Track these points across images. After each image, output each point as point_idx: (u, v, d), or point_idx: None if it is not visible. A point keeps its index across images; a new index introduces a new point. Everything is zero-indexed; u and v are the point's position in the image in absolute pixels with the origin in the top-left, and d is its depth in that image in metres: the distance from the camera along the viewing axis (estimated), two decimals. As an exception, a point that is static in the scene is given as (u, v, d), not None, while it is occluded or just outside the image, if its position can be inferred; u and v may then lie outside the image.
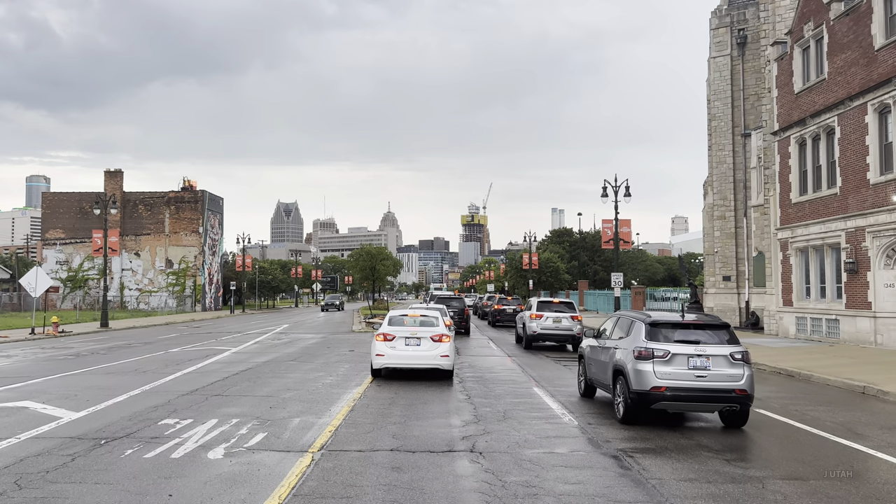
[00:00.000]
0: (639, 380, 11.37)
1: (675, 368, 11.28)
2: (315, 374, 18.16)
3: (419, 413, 12.48)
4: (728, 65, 40.06)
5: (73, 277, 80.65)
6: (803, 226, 29.83)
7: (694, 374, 11.25)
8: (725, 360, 11.33)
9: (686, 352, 11.34)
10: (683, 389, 11.20)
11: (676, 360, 11.30)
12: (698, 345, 11.46)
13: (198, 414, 12.16)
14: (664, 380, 11.22)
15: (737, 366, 11.35)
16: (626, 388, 11.70)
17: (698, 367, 11.28)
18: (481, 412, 12.66)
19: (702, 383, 11.22)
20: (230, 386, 15.70)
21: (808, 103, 29.51)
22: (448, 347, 16.72)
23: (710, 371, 11.25)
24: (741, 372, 11.32)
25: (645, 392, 11.30)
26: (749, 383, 11.31)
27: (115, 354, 24.27)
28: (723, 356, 11.34)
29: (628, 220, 40.75)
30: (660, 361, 11.32)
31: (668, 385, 11.20)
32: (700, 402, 11.39)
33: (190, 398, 13.89)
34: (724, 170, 40.04)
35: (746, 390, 11.25)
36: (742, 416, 11.67)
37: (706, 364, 11.28)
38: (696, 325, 11.84)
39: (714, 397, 11.24)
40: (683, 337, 11.64)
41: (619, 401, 12.06)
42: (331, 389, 15.31)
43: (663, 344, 11.48)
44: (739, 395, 11.21)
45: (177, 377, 17.33)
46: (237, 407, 12.88)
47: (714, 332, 11.76)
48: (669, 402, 11.34)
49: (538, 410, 13.04)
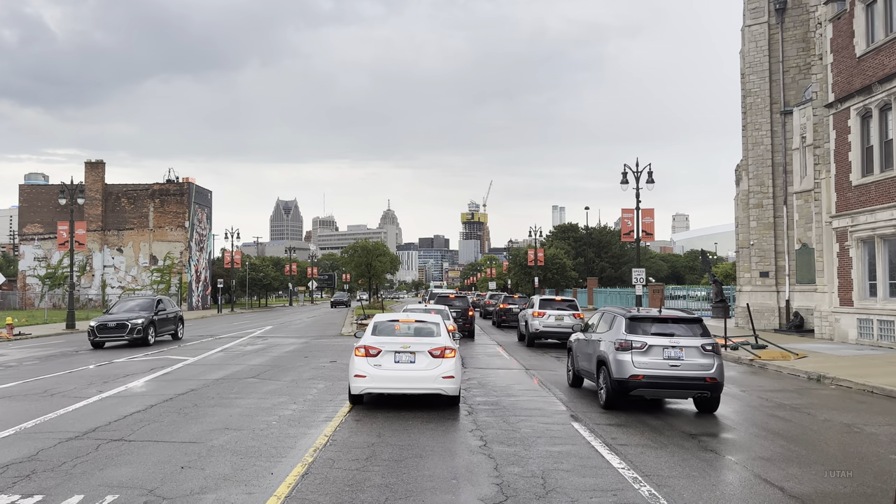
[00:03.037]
0: (619, 369, 12.35)
1: (651, 358, 12.22)
2: (275, 399, 13.65)
3: (410, 478, 8.01)
4: (765, 34, 35.49)
5: (52, 274, 76.15)
6: (868, 212, 25.30)
7: (668, 364, 12.18)
8: (697, 351, 12.25)
9: (661, 343, 12.30)
10: (659, 377, 12.15)
11: (653, 351, 12.26)
12: (673, 337, 12.41)
13: (59, 482, 7.70)
14: (641, 369, 12.18)
15: (707, 356, 12.26)
16: (607, 377, 12.65)
17: (672, 357, 12.23)
18: (507, 475, 8.18)
19: (675, 372, 12.15)
20: (147, 422, 11.19)
21: (875, 67, 24.98)
22: (452, 365, 12.24)
23: (683, 361, 12.19)
24: (711, 362, 12.22)
25: (624, 380, 12.28)
26: (719, 372, 12.23)
27: (46, 365, 19.83)
28: (695, 347, 12.27)
29: (651, 209, 36.23)
30: (638, 352, 12.28)
31: (644, 373, 12.16)
32: (674, 389, 12.36)
33: (72, 447, 9.41)
34: (762, 152, 35.48)
35: (716, 378, 12.17)
36: (713, 402, 12.59)
37: (680, 354, 12.24)
38: (671, 319, 12.85)
39: (687, 385, 12.19)
40: (660, 330, 12.56)
41: (602, 388, 13.01)
42: (287, 428, 10.79)
43: (641, 336, 12.44)
44: (710, 383, 12.15)
45: (86, 405, 12.83)
46: (130, 467, 8.38)
47: (688, 326, 12.72)
48: (646, 388, 12.32)
49: (593, 473, 8.53)
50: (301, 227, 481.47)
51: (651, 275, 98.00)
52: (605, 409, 12.62)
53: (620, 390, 12.37)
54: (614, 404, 12.63)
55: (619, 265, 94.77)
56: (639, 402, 13.51)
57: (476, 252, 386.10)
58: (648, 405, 13.37)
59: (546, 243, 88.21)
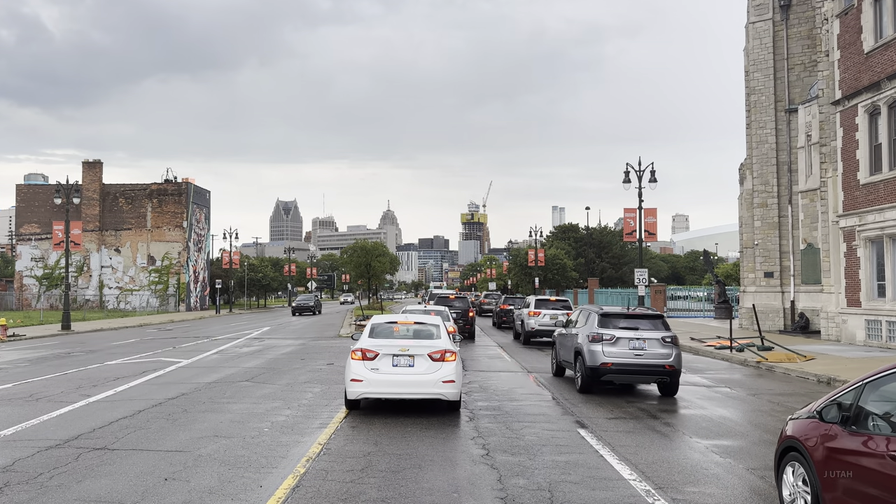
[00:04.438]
0: (591, 357, 14.29)
1: (619, 349, 14.19)
2: (269, 403, 13.14)
3: (409, 492, 7.50)
4: (770, 30, 34.98)
5: (49, 275, 75.64)
6: (876, 211, 24.79)
7: (633, 353, 14.17)
8: (658, 343, 14.24)
9: (628, 336, 14.28)
10: (625, 365, 14.15)
11: (620, 342, 14.24)
12: (637, 330, 14.40)
13: (33, 496, 7.19)
14: (610, 357, 14.15)
15: (667, 347, 14.24)
16: (582, 365, 14.57)
17: (637, 347, 14.19)
18: (511, 488, 7.67)
19: (639, 360, 14.15)
20: (133, 429, 10.67)
21: (884, 63, 24.47)
22: (453, 369, 11.72)
23: (646, 351, 14.17)
24: (670, 352, 14.20)
25: (596, 367, 14.23)
26: (677, 360, 14.22)
27: (36, 368, 19.34)
28: (656, 339, 14.26)
29: (654, 209, 35.75)
30: (607, 343, 14.25)
31: (613, 361, 14.12)
32: (638, 375, 14.37)
33: (51, 456, 8.91)
34: (766, 150, 34.96)
35: (674, 366, 14.15)
36: (673, 386, 14.44)
37: (643, 345, 14.20)
38: (636, 315, 14.98)
39: (649, 371, 14.20)
40: (627, 325, 14.57)
41: (578, 375, 14.95)
42: (280, 436, 10.28)
43: (611, 330, 14.42)
44: (669, 370, 14.09)
45: (71, 410, 12.32)
46: (110, 479, 7.87)
47: (650, 321, 14.77)
48: (614, 374, 14.26)
49: (601, 484, 8.02)
50: (301, 227, 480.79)
51: (651, 275, 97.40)
52: (581, 393, 14.47)
53: (593, 376, 14.29)
54: (588, 388, 14.48)
55: (620, 265, 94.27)
56: (648, 404, 13.02)
57: (476, 253, 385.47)
58: (656, 408, 12.88)
59: (546, 244, 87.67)
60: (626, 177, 33.80)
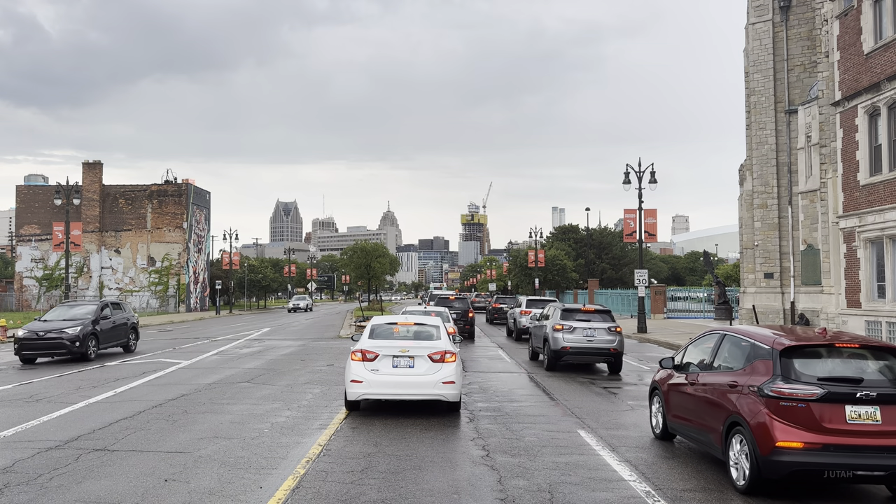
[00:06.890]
0: (554, 342, 18.35)
1: (575, 336, 18.23)
2: (269, 404, 13.14)
3: (409, 493, 7.50)
4: (769, 32, 34.99)
5: (49, 276, 75.65)
6: (877, 212, 24.77)
7: (586, 339, 18.21)
8: (605, 331, 18.32)
9: (582, 326, 18.36)
10: (579, 348, 18.22)
11: (577, 331, 18.28)
12: (590, 322, 18.49)
13: (32, 498, 7.20)
14: (569, 343, 18.21)
15: (612, 334, 18.27)
16: (548, 349, 18.63)
17: (589, 335, 18.23)
18: (511, 489, 7.67)
19: (590, 344, 18.20)
20: (133, 430, 10.67)
21: (884, 64, 24.47)
22: (453, 370, 11.72)
23: (596, 337, 18.22)
24: (614, 338, 18.22)
25: (558, 350, 18.29)
26: (620, 345, 18.29)
27: (35, 369, 19.32)
28: (604, 328, 18.37)
29: (654, 209, 35.80)
30: (567, 331, 18.30)
31: (571, 345, 18.19)
32: (590, 356, 18.51)
33: (51, 457, 8.90)
34: (766, 151, 34.96)
35: (618, 349, 18.19)
36: (617, 365, 18.48)
37: (594, 333, 18.26)
38: (590, 310, 18.96)
39: (598, 353, 18.33)
40: (582, 318, 18.60)
41: (544, 357, 19.12)
42: (279, 437, 10.28)
43: (570, 321, 18.47)
44: (613, 352, 18.19)
45: (71, 412, 12.32)
46: (110, 480, 7.87)
47: (600, 315, 18.85)
48: (572, 355, 18.38)
49: (601, 486, 8.02)
50: (301, 228, 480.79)
51: (652, 276, 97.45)
52: (548, 371, 18.47)
53: (555, 357, 18.41)
54: (553, 367, 18.64)
55: (620, 266, 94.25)
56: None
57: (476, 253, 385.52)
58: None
59: (546, 244, 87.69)
60: (626, 178, 33.89)
